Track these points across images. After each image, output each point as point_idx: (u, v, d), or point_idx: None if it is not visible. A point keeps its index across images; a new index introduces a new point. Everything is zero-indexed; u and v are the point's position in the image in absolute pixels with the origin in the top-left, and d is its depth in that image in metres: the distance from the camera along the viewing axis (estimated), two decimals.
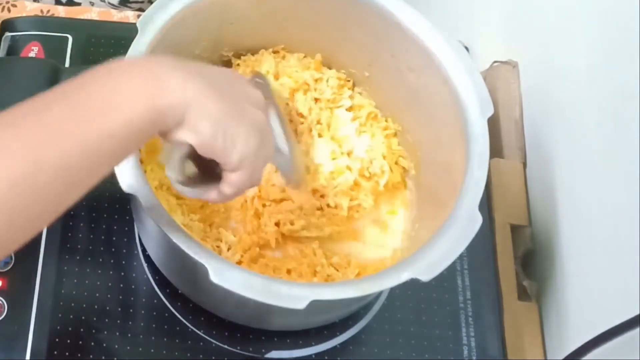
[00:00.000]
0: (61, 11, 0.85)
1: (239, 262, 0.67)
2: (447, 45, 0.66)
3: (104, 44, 0.80)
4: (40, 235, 0.69)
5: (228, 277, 0.54)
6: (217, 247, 0.67)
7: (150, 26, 0.63)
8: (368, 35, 0.71)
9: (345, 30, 0.72)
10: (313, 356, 0.69)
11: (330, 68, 0.76)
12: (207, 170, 0.53)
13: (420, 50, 0.67)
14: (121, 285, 0.69)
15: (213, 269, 0.54)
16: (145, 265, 0.70)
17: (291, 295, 0.54)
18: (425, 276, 0.56)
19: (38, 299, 0.67)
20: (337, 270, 0.68)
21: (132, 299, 0.69)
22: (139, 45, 0.62)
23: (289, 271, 0.67)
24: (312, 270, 0.67)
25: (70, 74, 0.70)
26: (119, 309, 0.68)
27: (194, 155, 0.51)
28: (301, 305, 0.53)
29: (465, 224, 0.59)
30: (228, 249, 0.67)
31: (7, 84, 0.72)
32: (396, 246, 0.71)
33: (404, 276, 0.56)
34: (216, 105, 0.48)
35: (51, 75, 0.74)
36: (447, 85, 0.65)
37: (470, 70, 0.65)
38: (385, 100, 0.75)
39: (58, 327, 0.66)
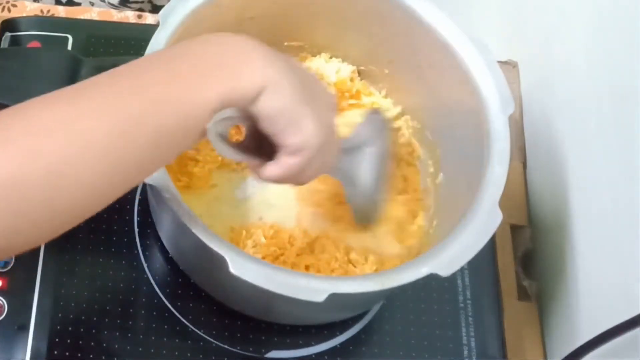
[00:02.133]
0: (61, 11, 0.85)
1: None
2: (469, 41, 0.65)
3: (104, 44, 0.80)
4: None
5: (247, 269, 0.53)
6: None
7: (171, 19, 0.62)
8: (389, 31, 0.70)
9: (366, 26, 0.71)
10: (313, 356, 0.69)
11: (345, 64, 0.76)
12: (256, 148, 0.52)
13: (442, 47, 0.66)
14: (121, 285, 0.69)
15: (232, 261, 0.53)
16: (145, 265, 0.70)
17: (310, 288, 0.53)
18: (445, 271, 0.56)
19: (38, 299, 0.67)
20: (355, 266, 0.67)
21: (132, 299, 0.69)
22: (159, 39, 0.61)
23: (307, 267, 0.67)
24: (330, 267, 0.67)
25: (91, 65, 0.71)
26: (119, 309, 0.68)
27: (252, 129, 0.51)
28: (320, 298, 0.53)
29: (486, 220, 0.58)
30: (253, 246, 0.66)
31: (32, 74, 0.71)
32: (414, 243, 0.70)
33: (423, 271, 0.56)
34: (292, 89, 0.49)
35: (73, 65, 0.73)
36: (468, 82, 0.65)
37: (492, 67, 0.64)
38: (404, 97, 0.75)
39: (58, 327, 0.66)
